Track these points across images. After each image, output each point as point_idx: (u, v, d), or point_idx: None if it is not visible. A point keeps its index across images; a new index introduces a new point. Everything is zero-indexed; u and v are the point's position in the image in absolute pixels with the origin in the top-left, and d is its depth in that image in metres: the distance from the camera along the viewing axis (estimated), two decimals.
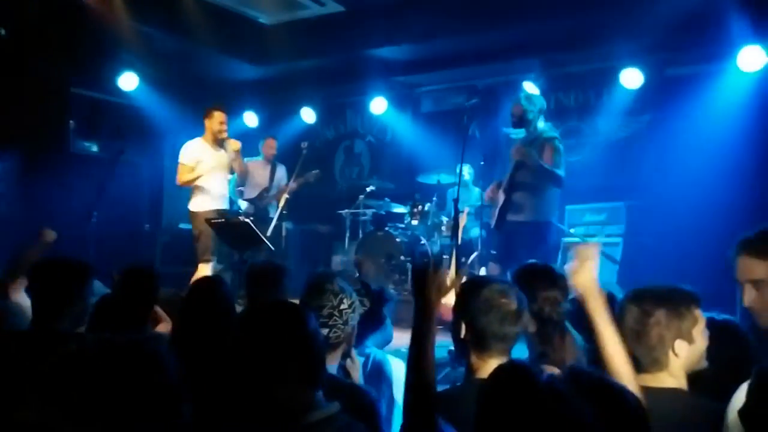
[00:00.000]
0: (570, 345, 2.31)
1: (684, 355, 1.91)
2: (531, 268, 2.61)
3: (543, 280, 2.48)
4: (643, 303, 1.93)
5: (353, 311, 2.32)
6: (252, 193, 7.17)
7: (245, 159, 7.02)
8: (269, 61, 8.01)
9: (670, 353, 1.91)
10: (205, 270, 5.69)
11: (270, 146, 7.29)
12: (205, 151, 6.01)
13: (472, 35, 6.87)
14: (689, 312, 1.93)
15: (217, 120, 6.00)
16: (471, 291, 2.12)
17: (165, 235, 8.32)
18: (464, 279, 2.27)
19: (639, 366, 1.94)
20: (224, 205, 6.15)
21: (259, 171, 7.19)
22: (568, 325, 2.38)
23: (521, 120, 5.30)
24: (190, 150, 6.00)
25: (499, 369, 1.36)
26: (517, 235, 5.17)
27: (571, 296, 2.45)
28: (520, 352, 2.51)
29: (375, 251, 7.10)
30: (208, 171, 5.96)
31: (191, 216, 6.06)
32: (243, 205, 7.17)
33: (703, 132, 6.07)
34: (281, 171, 7.34)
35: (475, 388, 2.02)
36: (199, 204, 6.00)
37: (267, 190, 7.18)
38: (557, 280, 2.47)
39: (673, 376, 1.93)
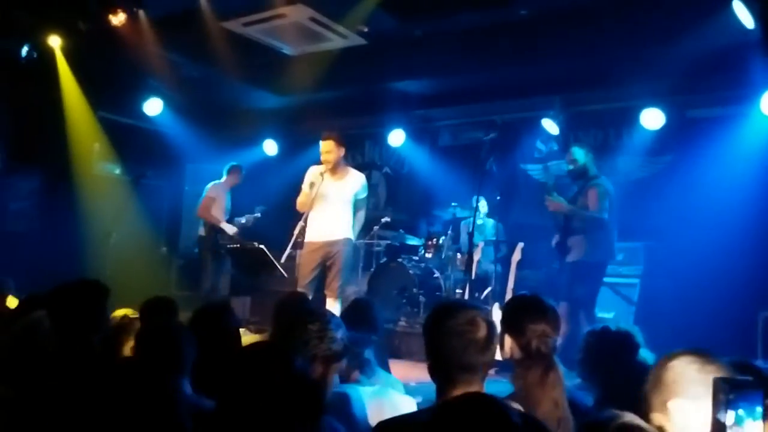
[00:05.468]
0: (555, 381, 2.22)
1: None
2: (520, 301, 2.47)
3: (532, 312, 2.33)
4: None
5: (335, 328, 2.28)
6: (222, 216, 7.10)
7: (210, 184, 7.13)
8: (291, 90, 8.11)
9: None
10: None
11: (240, 177, 7.32)
12: None
13: (492, 71, 6.91)
14: None
15: None
16: (437, 317, 1.98)
17: (181, 258, 8.38)
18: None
19: None
20: None
21: (222, 197, 7.19)
22: (557, 359, 2.29)
23: (582, 174, 5.56)
24: None
25: (452, 399, 1.35)
26: (569, 275, 5.39)
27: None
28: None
29: (388, 282, 7.08)
30: None
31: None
32: (230, 229, 6.98)
33: (724, 175, 5.97)
34: None
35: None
36: None
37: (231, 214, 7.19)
38: (547, 313, 2.32)
39: None
